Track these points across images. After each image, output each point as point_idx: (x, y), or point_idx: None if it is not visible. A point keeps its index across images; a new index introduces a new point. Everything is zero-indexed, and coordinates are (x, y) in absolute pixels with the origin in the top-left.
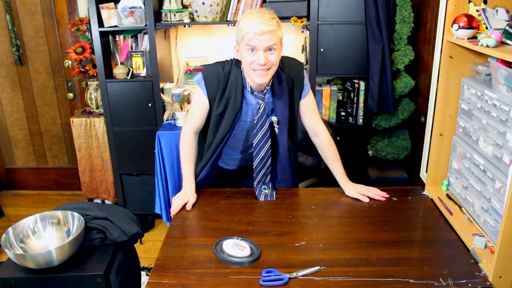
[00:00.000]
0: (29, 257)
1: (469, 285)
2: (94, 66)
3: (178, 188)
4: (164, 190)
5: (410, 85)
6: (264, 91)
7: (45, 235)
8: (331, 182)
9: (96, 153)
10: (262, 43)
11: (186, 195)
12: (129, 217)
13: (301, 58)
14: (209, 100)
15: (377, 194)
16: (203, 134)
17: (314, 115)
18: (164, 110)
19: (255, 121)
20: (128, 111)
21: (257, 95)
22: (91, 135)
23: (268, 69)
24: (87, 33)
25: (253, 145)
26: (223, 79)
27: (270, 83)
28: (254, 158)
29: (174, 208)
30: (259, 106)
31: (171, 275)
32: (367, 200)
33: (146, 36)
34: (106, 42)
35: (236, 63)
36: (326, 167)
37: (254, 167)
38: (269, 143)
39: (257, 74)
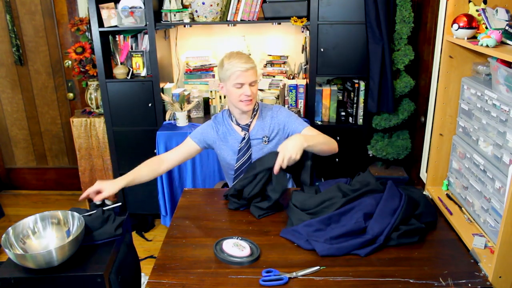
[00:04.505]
0: (29, 257)
1: (469, 285)
2: (94, 66)
3: (179, 188)
4: (168, 191)
5: (410, 85)
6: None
7: (45, 235)
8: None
9: (96, 153)
10: (247, 79)
11: (103, 184)
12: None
13: (301, 58)
14: None
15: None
16: None
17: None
18: (164, 110)
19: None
20: (128, 111)
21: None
22: (91, 135)
23: (252, 99)
24: (87, 33)
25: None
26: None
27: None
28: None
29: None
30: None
31: (171, 275)
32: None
33: (146, 36)
34: (106, 42)
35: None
36: None
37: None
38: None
39: (244, 104)
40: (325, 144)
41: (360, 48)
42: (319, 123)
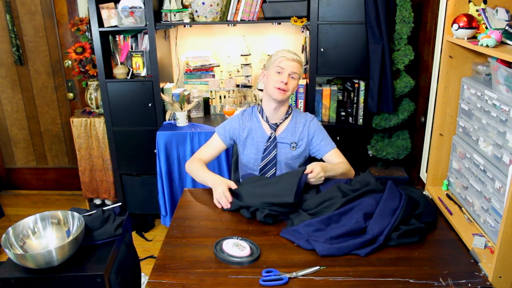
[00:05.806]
0: (29, 257)
1: (469, 285)
2: (94, 66)
3: (179, 188)
4: (168, 191)
5: (410, 85)
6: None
7: (45, 235)
8: None
9: (96, 153)
10: (288, 68)
11: (221, 185)
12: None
13: (301, 58)
14: None
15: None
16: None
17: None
18: (164, 110)
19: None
20: (128, 111)
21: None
22: (91, 135)
23: (286, 90)
24: (87, 33)
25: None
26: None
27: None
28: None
29: (226, 201)
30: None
31: (171, 275)
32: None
33: (146, 36)
34: (106, 42)
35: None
36: None
37: None
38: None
39: (278, 92)
40: (341, 175)
41: (360, 48)
42: (319, 123)
